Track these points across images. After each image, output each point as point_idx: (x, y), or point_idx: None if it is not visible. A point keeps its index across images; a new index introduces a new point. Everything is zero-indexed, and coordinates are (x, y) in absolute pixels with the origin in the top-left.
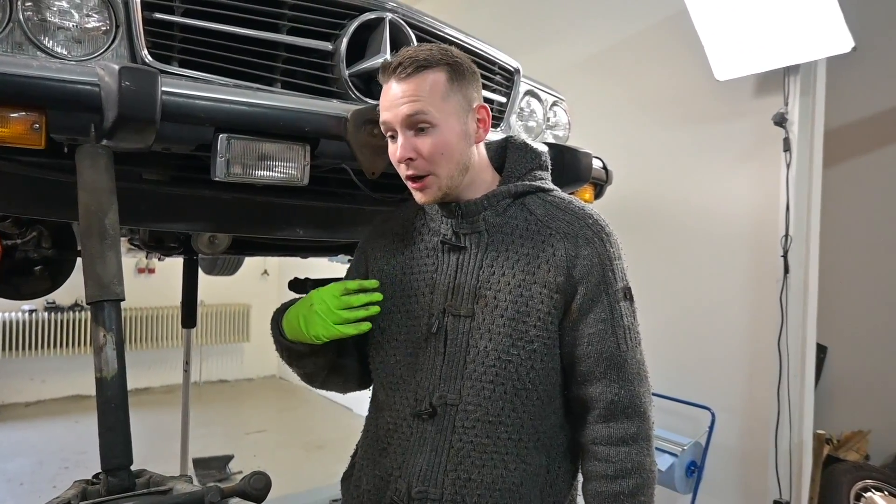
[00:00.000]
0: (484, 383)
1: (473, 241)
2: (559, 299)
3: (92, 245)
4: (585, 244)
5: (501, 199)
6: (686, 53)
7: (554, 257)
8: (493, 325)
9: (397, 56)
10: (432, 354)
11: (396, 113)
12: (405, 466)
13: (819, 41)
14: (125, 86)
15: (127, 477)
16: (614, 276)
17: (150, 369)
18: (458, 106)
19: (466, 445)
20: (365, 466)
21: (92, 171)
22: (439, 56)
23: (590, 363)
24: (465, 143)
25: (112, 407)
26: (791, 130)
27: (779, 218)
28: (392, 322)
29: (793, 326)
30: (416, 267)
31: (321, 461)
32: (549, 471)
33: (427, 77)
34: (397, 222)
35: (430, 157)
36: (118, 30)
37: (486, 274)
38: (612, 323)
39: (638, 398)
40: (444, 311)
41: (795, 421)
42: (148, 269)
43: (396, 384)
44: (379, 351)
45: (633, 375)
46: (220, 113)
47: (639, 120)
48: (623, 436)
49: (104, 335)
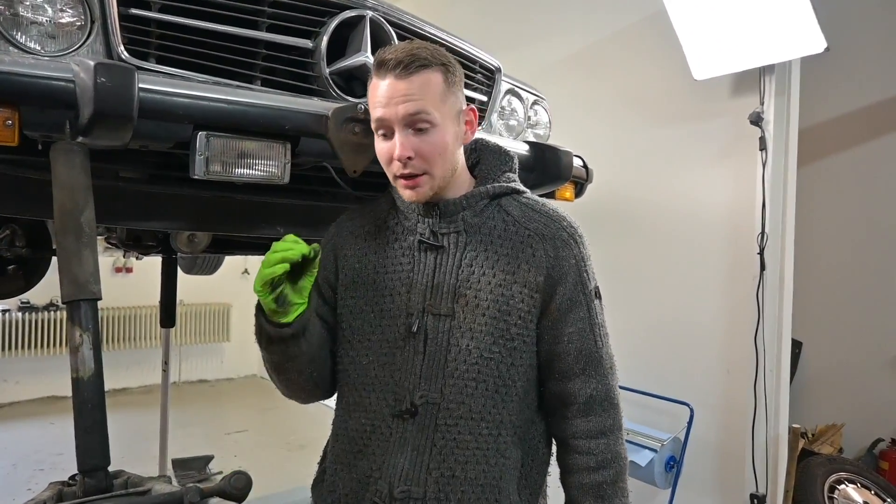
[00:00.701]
0: (466, 381)
1: (452, 241)
2: (538, 298)
3: (68, 243)
4: (563, 246)
5: (479, 200)
6: (665, 53)
7: (534, 258)
8: (475, 324)
9: (392, 52)
10: (411, 354)
11: (396, 111)
12: (385, 467)
13: (793, 42)
14: (101, 82)
15: (104, 478)
16: (588, 277)
17: (128, 370)
18: (452, 107)
19: (450, 443)
20: (339, 471)
21: (67, 168)
22: (437, 55)
23: (569, 360)
24: (457, 144)
25: (89, 407)
26: (766, 129)
27: (755, 215)
28: (364, 321)
29: (769, 322)
30: (390, 266)
31: (303, 461)
32: (523, 463)
33: (427, 76)
34: (367, 220)
35: (428, 158)
36: (93, 25)
37: (465, 273)
38: (589, 321)
39: (612, 391)
40: (424, 311)
41: (772, 415)
42: (125, 269)
43: (371, 384)
44: (349, 351)
45: (607, 370)
46: (198, 110)
47: (618, 118)
48: (601, 428)
49: (80, 335)
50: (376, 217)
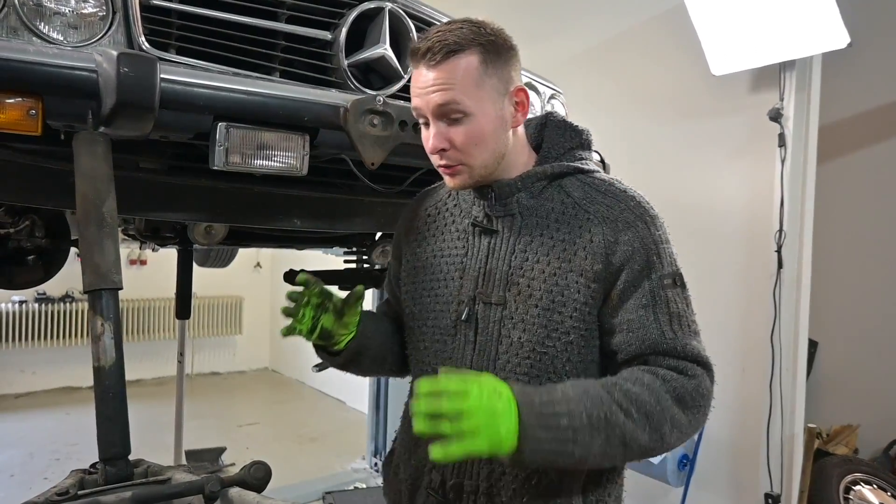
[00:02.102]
0: (518, 375)
1: (506, 225)
2: (597, 288)
3: (90, 233)
4: (626, 228)
5: (537, 181)
6: (682, 48)
7: (591, 244)
8: (528, 316)
9: (426, 38)
10: (462, 343)
11: (427, 101)
12: None
13: (815, 37)
14: (124, 72)
15: (125, 466)
16: (660, 261)
17: (142, 362)
18: (494, 90)
19: None
20: (402, 454)
21: (89, 158)
22: (472, 36)
23: (630, 351)
24: (502, 129)
25: (110, 396)
26: (786, 126)
27: (773, 213)
28: (422, 307)
29: (785, 321)
30: (446, 250)
31: (314, 454)
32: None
33: (458, 62)
34: (430, 202)
35: (463, 148)
36: (115, 16)
37: (518, 260)
38: (654, 309)
39: (698, 379)
40: (475, 298)
41: (787, 415)
42: (140, 261)
43: (425, 372)
44: (411, 336)
45: (692, 358)
46: (219, 101)
47: (635, 114)
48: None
49: (102, 324)
50: (437, 199)
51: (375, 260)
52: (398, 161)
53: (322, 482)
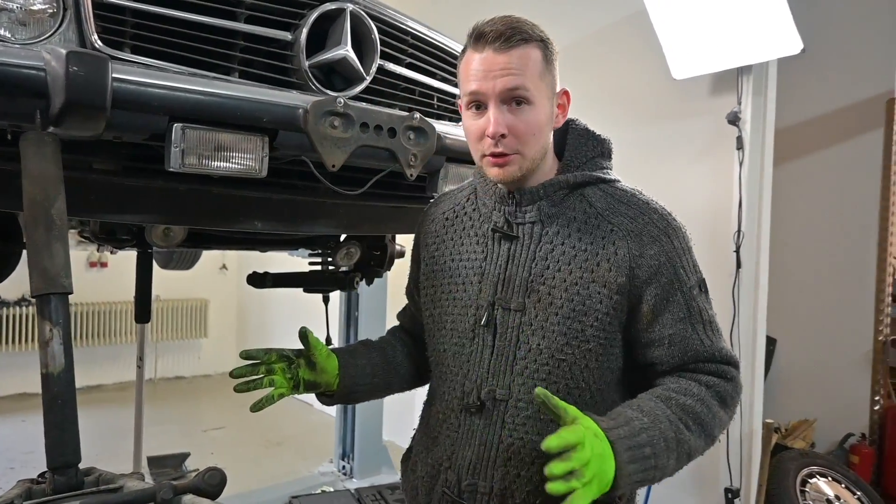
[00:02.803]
0: (536, 381)
1: (527, 232)
2: (619, 300)
3: (37, 236)
4: (651, 243)
5: (559, 189)
6: (645, 52)
7: (616, 256)
8: (547, 323)
9: (491, 24)
10: (480, 346)
11: (494, 84)
12: (455, 458)
13: (770, 43)
14: (73, 71)
15: (74, 475)
16: (686, 273)
17: (103, 366)
18: (549, 86)
19: (516, 442)
20: (420, 452)
21: (37, 159)
22: (536, 32)
23: (674, 363)
24: (550, 126)
25: (59, 403)
26: (744, 129)
27: (732, 214)
28: (441, 310)
29: (744, 319)
30: (465, 254)
31: (280, 458)
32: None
33: (528, 51)
34: (448, 205)
35: (522, 136)
36: (66, 13)
37: (539, 267)
38: (690, 321)
39: (734, 381)
40: (494, 304)
41: (746, 411)
42: (100, 263)
43: (445, 374)
44: (430, 339)
45: (727, 360)
46: (174, 101)
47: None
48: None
49: (50, 329)
50: (456, 202)
51: (340, 262)
52: (360, 163)
53: (288, 486)
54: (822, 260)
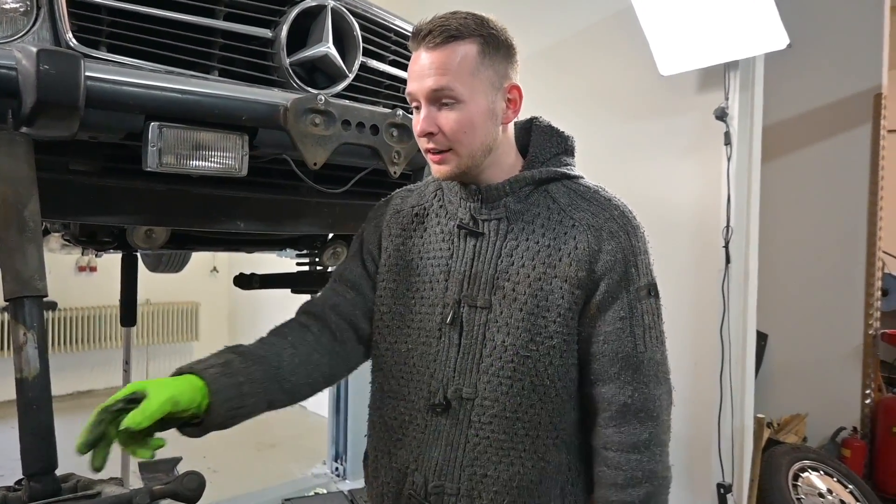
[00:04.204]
0: (501, 378)
1: (492, 228)
2: (580, 295)
3: (10, 238)
4: (609, 238)
5: (524, 185)
6: (632, 49)
7: (576, 251)
8: (511, 319)
9: (429, 22)
10: (447, 345)
11: (422, 84)
12: (421, 460)
13: (756, 38)
14: (44, 69)
15: (51, 482)
16: (637, 273)
17: (93, 371)
18: (488, 82)
19: (483, 441)
20: (380, 458)
21: (9, 159)
22: (474, 26)
23: (604, 362)
24: (492, 122)
25: (34, 409)
26: (731, 125)
27: (721, 210)
28: (405, 307)
29: (734, 315)
30: (431, 251)
31: (273, 460)
32: (570, 468)
33: (457, 49)
34: (416, 199)
35: (451, 135)
36: (39, 11)
37: (504, 264)
38: (630, 321)
39: (651, 401)
40: (460, 301)
41: (737, 406)
42: (89, 268)
43: (409, 374)
44: (387, 336)
45: (650, 377)
46: (150, 100)
47: (587, 114)
48: (635, 442)
49: (24, 333)
50: (424, 199)
51: (327, 262)
52: (342, 161)
53: (282, 489)
54: (811, 255)
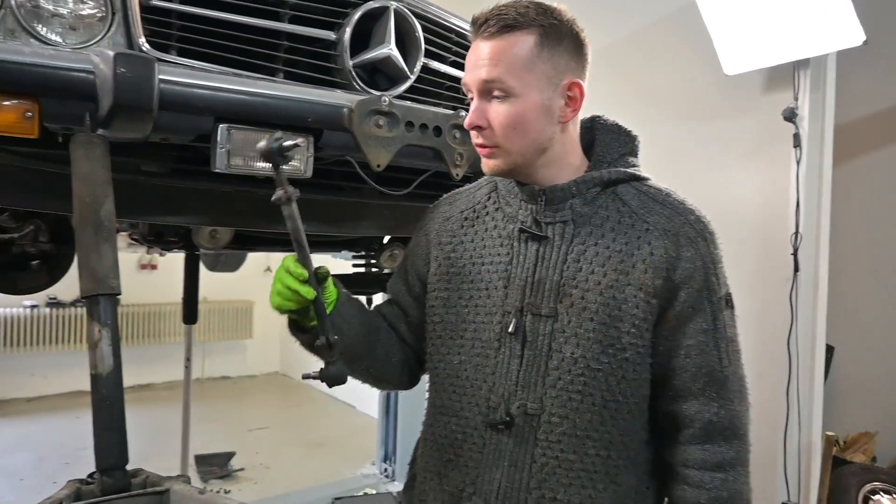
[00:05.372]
0: (571, 393)
1: (557, 232)
2: (655, 304)
3: (86, 237)
4: (688, 244)
5: (591, 186)
6: (694, 48)
7: (652, 256)
8: (581, 329)
9: (488, 10)
10: (507, 357)
11: (474, 75)
12: (480, 482)
13: (829, 35)
14: (121, 73)
15: (122, 477)
16: (717, 282)
17: (153, 365)
18: (545, 77)
19: (551, 461)
20: (429, 479)
21: (87, 161)
22: (534, 15)
23: (686, 377)
24: (546, 119)
25: (107, 405)
26: (801, 126)
27: (788, 215)
28: (458, 316)
29: (802, 326)
30: (487, 256)
31: (323, 459)
32: (638, 491)
33: (513, 39)
34: (466, 204)
35: (499, 130)
36: (114, 17)
37: (571, 270)
38: (714, 334)
39: (738, 419)
40: (522, 310)
41: (804, 422)
42: (150, 265)
43: (463, 388)
44: (440, 347)
45: (734, 393)
46: (219, 102)
47: (645, 116)
48: (720, 461)
49: (99, 330)
50: (475, 201)
51: (384, 264)
52: (404, 163)
53: (331, 487)
54: (884, 263)
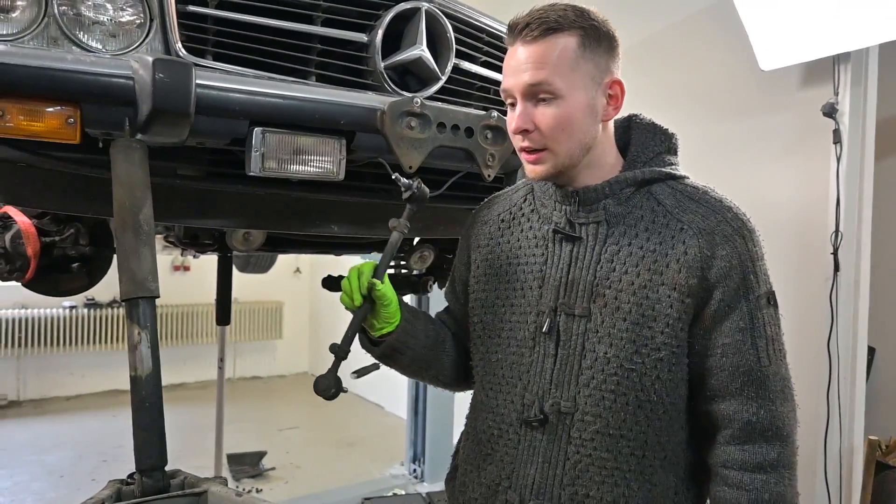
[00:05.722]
0: (604, 392)
1: (591, 232)
2: (690, 304)
3: (126, 240)
4: (724, 242)
5: (625, 186)
6: (729, 42)
7: (686, 256)
8: (615, 329)
9: (526, 15)
10: (542, 356)
11: (518, 80)
12: (515, 477)
13: (871, 27)
14: (159, 78)
15: (161, 478)
16: (756, 280)
17: (185, 365)
18: (588, 77)
19: (584, 459)
20: (469, 472)
21: (126, 165)
22: (573, 17)
23: (724, 377)
24: (591, 119)
25: (147, 406)
26: (841, 122)
27: (828, 213)
28: (496, 316)
29: (843, 327)
30: (522, 257)
31: (352, 459)
32: (676, 492)
33: (556, 42)
34: (503, 206)
35: (548, 132)
36: (152, 23)
37: (604, 270)
38: (751, 333)
39: (780, 419)
40: (556, 309)
41: (846, 426)
42: (183, 267)
43: (499, 385)
44: (479, 346)
45: (776, 393)
46: (254, 106)
47: (681, 112)
48: (761, 461)
49: (139, 332)
50: (512, 203)
51: (413, 265)
52: (436, 164)
53: (360, 487)
54: None
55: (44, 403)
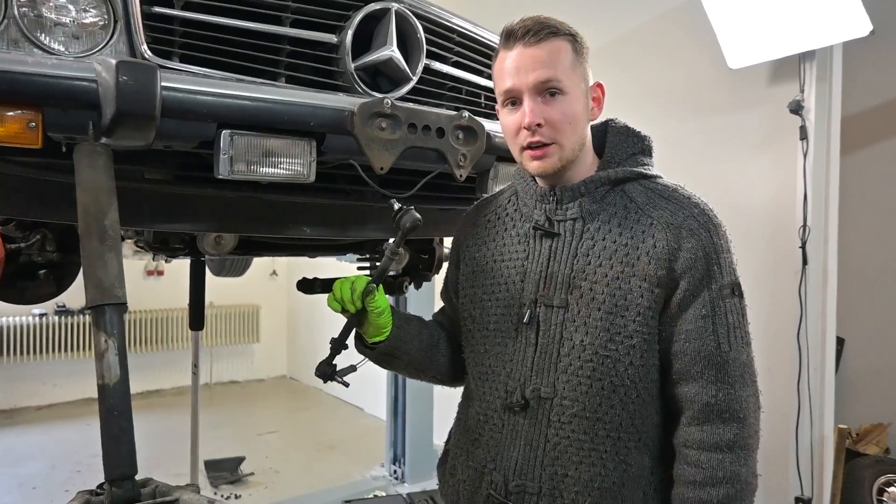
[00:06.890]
0: (581, 378)
1: (568, 229)
2: (660, 294)
3: (91, 247)
4: (690, 236)
5: (600, 186)
6: (698, 41)
7: (655, 249)
8: (590, 319)
9: (519, 22)
10: (523, 345)
11: (526, 78)
12: (499, 459)
13: (835, 25)
14: (123, 81)
15: (131, 487)
16: (720, 271)
17: (161, 371)
18: (581, 78)
19: (563, 441)
20: (459, 456)
21: (90, 170)
22: (564, 26)
23: (686, 361)
24: (587, 117)
25: (115, 415)
26: (808, 118)
27: (796, 208)
28: (483, 310)
29: (812, 319)
30: (507, 254)
31: (333, 461)
32: (652, 473)
33: (558, 44)
34: (489, 209)
35: (558, 125)
36: (116, 25)
37: (580, 263)
38: (713, 320)
39: (738, 402)
40: (536, 301)
41: (816, 415)
42: (157, 272)
43: (486, 374)
44: (469, 340)
45: (735, 378)
46: (222, 108)
47: (651, 112)
48: (717, 441)
49: (106, 340)
50: (498, 205)
51: None
52: (408, 165)
53: (341, 490)
54: (893, 253)
55: (14, 414)
